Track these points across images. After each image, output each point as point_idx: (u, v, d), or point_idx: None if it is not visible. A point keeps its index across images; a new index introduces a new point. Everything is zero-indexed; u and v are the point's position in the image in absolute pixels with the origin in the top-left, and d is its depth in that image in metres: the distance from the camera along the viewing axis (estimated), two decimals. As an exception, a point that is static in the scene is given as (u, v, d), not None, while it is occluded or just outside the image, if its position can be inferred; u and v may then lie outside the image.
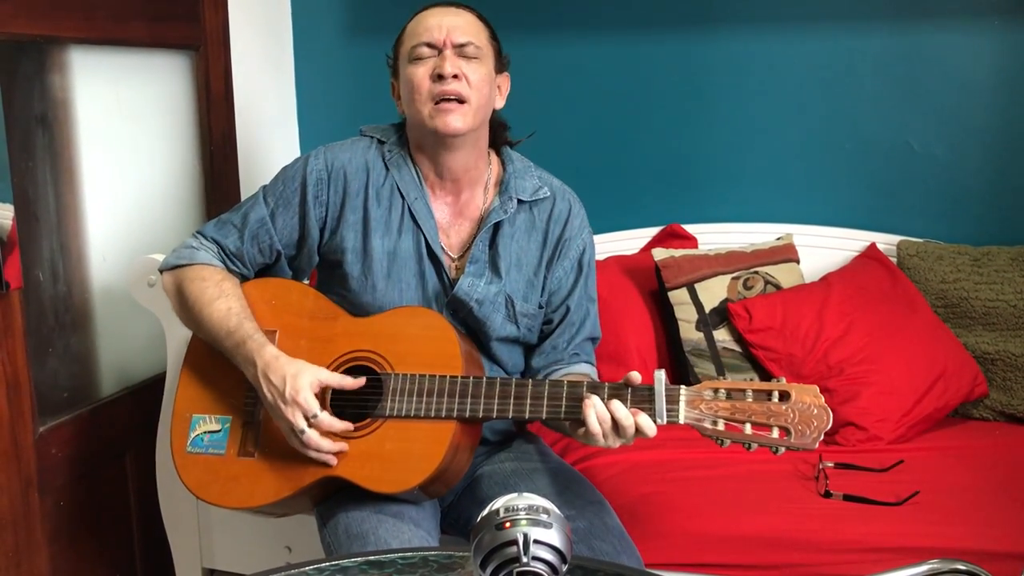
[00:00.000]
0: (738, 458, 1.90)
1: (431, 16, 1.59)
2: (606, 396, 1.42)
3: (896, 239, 2.40)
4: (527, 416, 1.48)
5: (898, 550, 1.60)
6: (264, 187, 1.70)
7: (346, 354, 1.58)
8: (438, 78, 1.55)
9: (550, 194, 1.68)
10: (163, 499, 2.04)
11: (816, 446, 1.35)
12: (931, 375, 2.10)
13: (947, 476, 1.86)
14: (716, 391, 1.39)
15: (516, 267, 1.65)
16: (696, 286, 2.29)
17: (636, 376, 1.43)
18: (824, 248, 2.46)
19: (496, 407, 1.49)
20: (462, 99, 1.55)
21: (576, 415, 1.44)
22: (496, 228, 1.64)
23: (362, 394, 1.54)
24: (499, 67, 1.64)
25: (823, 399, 1.36)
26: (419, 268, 1.63)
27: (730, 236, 2.49)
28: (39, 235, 1.98)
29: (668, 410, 1.39)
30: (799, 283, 2.33)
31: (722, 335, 2.23)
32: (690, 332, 2.26)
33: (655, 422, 1.40)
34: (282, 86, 2.78)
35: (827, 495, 1.77)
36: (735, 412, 1.37)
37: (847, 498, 1.76)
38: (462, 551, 1.20)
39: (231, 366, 1.60)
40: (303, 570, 1.17)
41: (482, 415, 1.50)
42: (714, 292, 2.28)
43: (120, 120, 2.19)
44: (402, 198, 1.64)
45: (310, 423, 1.49)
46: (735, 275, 2.31)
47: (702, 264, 2.32)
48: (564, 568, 0.98)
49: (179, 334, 1.94)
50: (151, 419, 2.02)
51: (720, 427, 1.38)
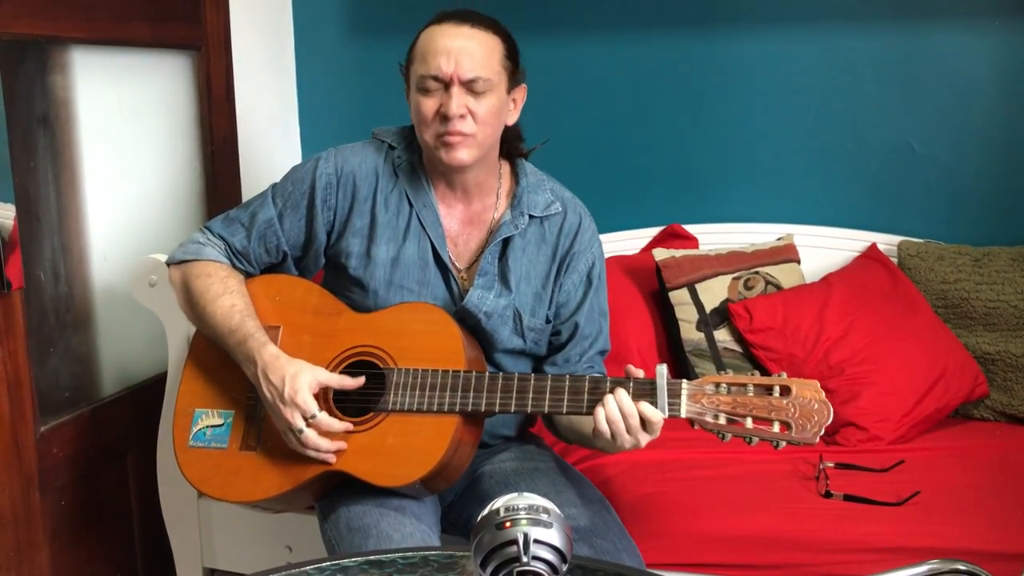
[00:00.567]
0: (739, 458, 1.92)
1: (442, 37, 1.52)
2: (608, 389, 1.43)
3: (897, 239, 2.40)
4: (529, 410, 1.49)
5: (898, 550, 1.61)
6: (273, 186, 1.69)
7: (349, 349, 1.58)
8: (444, 118, 1.52)
9: (562, 209, 1.66)
10: (164, 499, 2.04)
11: (817, 440, 1.36)
12: (932, 375, 2.10)
13: (947, 476, 1.86)
14: (718, 385, 1.40)
15: (525, 280, 1.64)
16: (697, 286, 2.29)
17: (637, 370, 1.43)
18: (825, 248, 2.46)
19: (499, 401, 1.49)
20: (468, 134, 1.53)
21: (578, 408, 1.45)
22: (506, 242, 1.63)
23: (365, 389, 1.54)
24: (513, 83, 1.59)
25: (824, 394, 1.37)
26: (423, 276, 1.62)
27: (731, 236, 2.49)
28: (40, 235, 1.98)
29: (670, 403, 1.40)
30: (800, 283, 2.33)
31: (723, 335, 2.24)
32: (691, 332, 2.26)
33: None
34: (283, 86, 2.78)
35: (827, 495, 1.78)
36: (736, 406, 1.38)
37: (847, 498, 1.76)
38: (462, 551, 1.20)
39: (234, 361, 1.60)
40: (304, 570, 1.17)
41: (484, 409, 1.50)
42: (715, 292, 2.28)
43: (121, 120, 2.19)
44: (410, 205, 1.63)
45: (308, 423, 1.49)
46: (736, 275, 2.31)
47: (703, 264, 2.32)
48: (564, 568, 0.98)
49: (180, 334, 1.95)
50: (152, 419, 2.02)
51: (722, 421, 1.38)
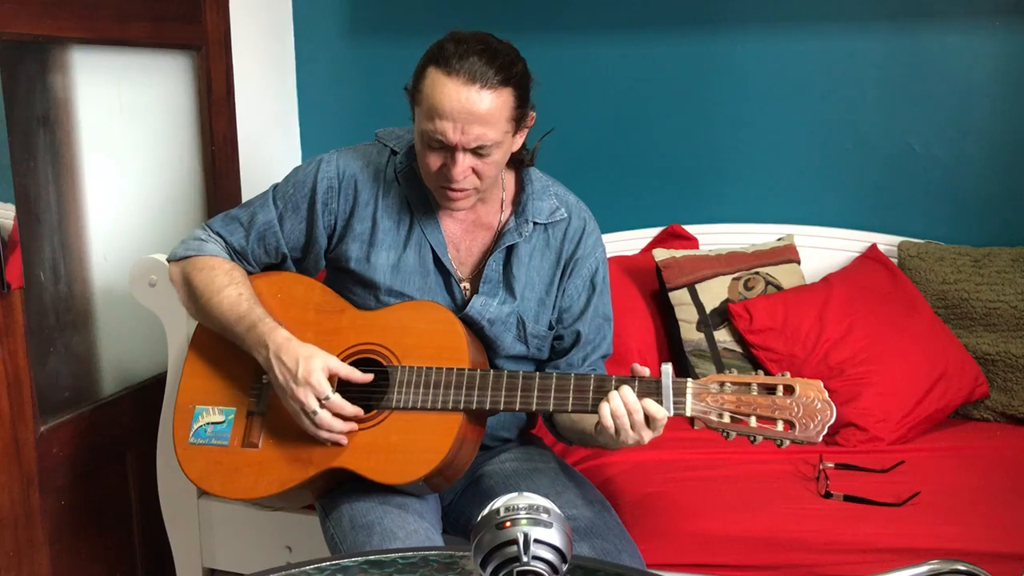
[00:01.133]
0: (739, 458, 1.92)
1: (448, 99, 1.43)
2: (613, 387, 1.43)
3: (897, 240, 2.40)
4: (534, 408, 1.49)
5: (898, 550, 1.61)
6: (275, 186, 1.68)
7: (353, 347, 1.58)
8: (448, 178, 1.49)
9: (566, 215, 1.65)
10: (164, 499, 2.04)
11: (820, 439, 1.37)
12: (932, 376, 2.10)
13: (948, 477, 1.86)
14: (722, 384, 1.41)
15: (530, 287, 1.64)
16: (697, 286, 2.29)
17: (643, 368, 1.43)
18: (825, 249, 2.46)
19: (503, 399, 1.49)
20: (470, 189, 1.52)
21: (583, 406, 1.45)
22: (510, 248, 1.63)
23: (368, 386, 1.54)
24: (521, 126, 1.53)
25: (827, 393, 1.38)
26: (424, 283, 1.62)
27: (731, 237, 2.49)
28: (40, 235, 1.98)
29: (675, 402, 1.40)
30: (800, 284, 2.33)
31: (723, 336, 2.24)
32: (691, 332, 2.26)
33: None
34: (283, 87, 2.78)
35: (828, 496, 1.78)
36: (740, 405, 1.39)
37: (848, 499, 1.76)
38: (463, 551, 1.20)
39: (236, 357, 1.60)
40: (303, 569, 1.17)
41: (489, 407, 1.50)
42: (715, 292, 2.28)
43: (121, 120, 2.19)
44: (411, 212, 1.62)
45: (322, 404, 1.49)
46: (736, 276, 2.31)
47: (703, 264, 2.32)
48: (564, 567, 0.98)
49: (180, 333, 1.95)
50: (152, 419, 2.03)
51: (726, 420, 1.39)
